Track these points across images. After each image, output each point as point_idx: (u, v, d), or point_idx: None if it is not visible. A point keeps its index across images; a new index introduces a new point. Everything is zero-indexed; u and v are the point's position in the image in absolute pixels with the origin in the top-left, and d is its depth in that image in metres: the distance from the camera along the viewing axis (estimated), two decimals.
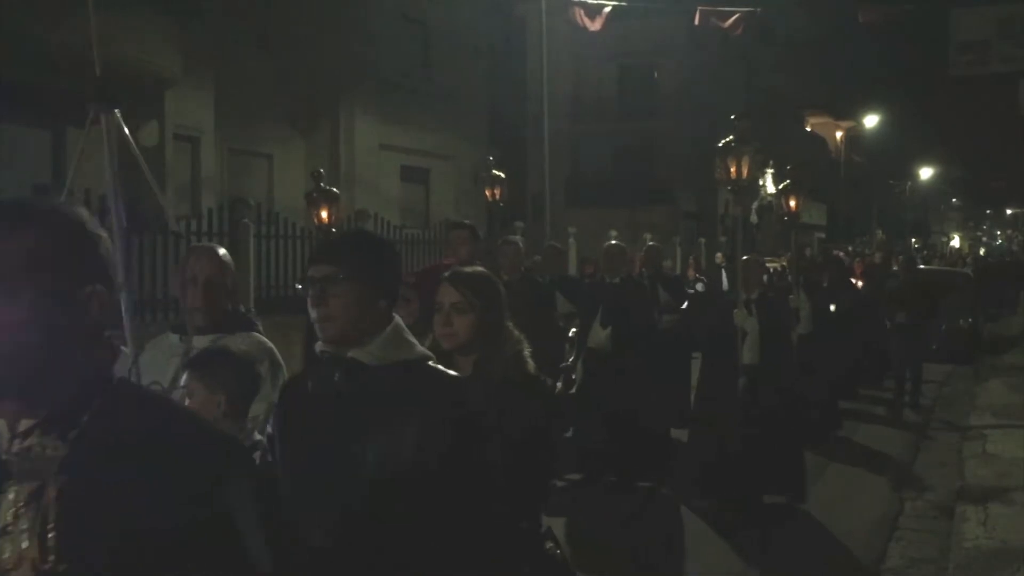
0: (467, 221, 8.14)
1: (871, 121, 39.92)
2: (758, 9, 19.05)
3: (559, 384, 7.06)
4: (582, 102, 30.22)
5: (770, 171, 27.73)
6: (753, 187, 9.43)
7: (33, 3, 11.11)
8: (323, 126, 17.94)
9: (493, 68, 23.26)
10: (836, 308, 10.40)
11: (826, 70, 40.75)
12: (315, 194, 9.08)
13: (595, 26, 18.79)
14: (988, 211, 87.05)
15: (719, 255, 19.91)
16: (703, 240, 24.41)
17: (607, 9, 18.59)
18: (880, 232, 48.65)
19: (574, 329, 8.14)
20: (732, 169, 6.99)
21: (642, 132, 29.64)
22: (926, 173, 58.79)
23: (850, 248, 25.73)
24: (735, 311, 6.70)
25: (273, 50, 16.83)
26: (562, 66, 24.07)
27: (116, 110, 3.88)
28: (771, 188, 28.29)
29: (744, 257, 7.18)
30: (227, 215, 11.75)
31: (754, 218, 28.37)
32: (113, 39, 11.81)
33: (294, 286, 11.45)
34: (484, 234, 19.81)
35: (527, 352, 2.71)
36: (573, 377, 7.48)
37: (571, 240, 19.12)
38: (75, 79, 12.52)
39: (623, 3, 19.06)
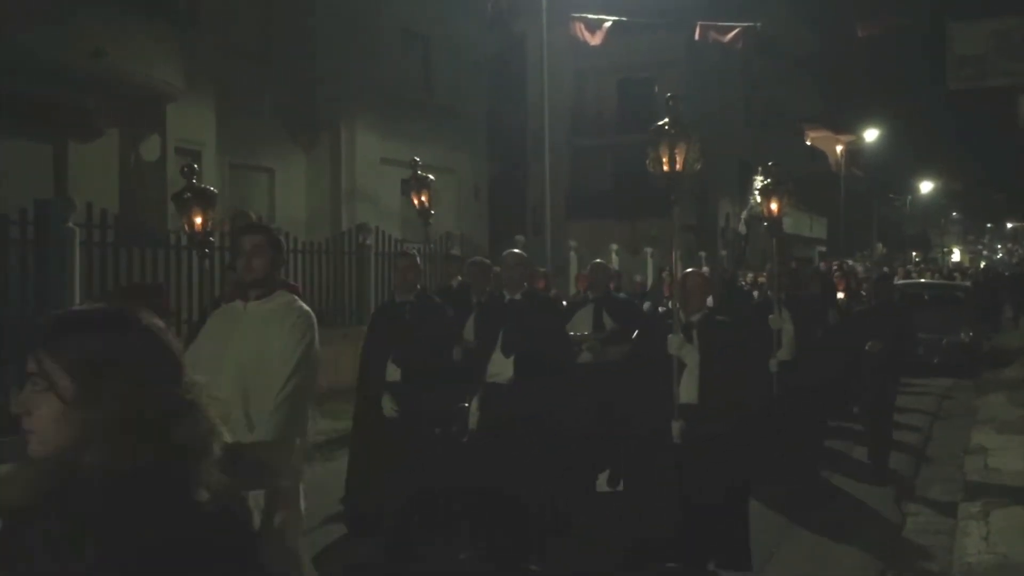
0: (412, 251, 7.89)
1: (871, 135, 39.98)
2: (758, 24, 19.16)
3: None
4: (582, 116, 30.31)
5: (759, 178, 27.55)
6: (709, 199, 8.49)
7: (35, 17, 11.15)
8: (324, 140, 17.98)
9: (494, 82, 23.33)
10: (822, 329, 8.92)
11: (826, 84, 40.89)
12: (187, 195, 6.76)
13: (595, 40, 18.90)
14: (988, 225, 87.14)
15: (706, 268, 19.52)
16: (703, 253, 24.43)
17: (607, 24, 18.69)
18: (881, 246, 48.72)
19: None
20: (665, 159, 5.63)
21: (642, 146, 29.58)
22: (926, 187, 58.91)
23: (850, 262, 25.63)
24: (669, 336, 5.42)
25: (274, 64, 16.90)
26: (562, 80, 24.15)
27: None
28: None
29: (689, 270, 6.08)
30: (228, 229, 11.75)
31: (743, 228, 28.10)
32: (116, 54, 11.93)
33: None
34: (487, 248, 19.75)
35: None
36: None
37: (572, 253, 19.15)
38: (77, 93, 12.64)
39: (623, 18, 19.15)
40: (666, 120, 5.72)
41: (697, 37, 18.90)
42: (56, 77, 11.80)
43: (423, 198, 8.61)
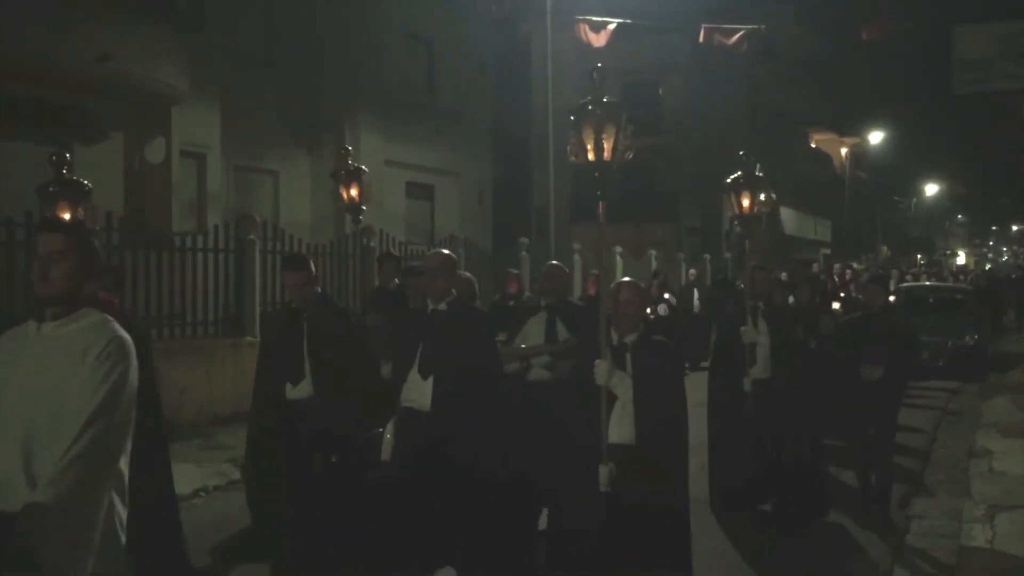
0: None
1: (876, 138, 39.96)
2: (762, 26, 19.14)
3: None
4: None
5: (759, 175, 27.43)
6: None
7: (41, 21, 11.19)
8: (328, 142, 18.01)
9: (498, 85, 23.35)
10: (814, 343, 8.05)
11: (830, 87, 40.85)
12: (52, 188, 6.17)
13: (600, 43, 18.89)
14: (993, 227, 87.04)
15: (692, 271, 19.07)
16: (707, 256, 24.42)
17: (612, 26, 18.69)
18: (885, 248, 48.69)
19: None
20: (589, 146, 4.69)
21: (646, 148, 29.61)
22: (931, 190, 58.88)
23: (855, 264, 25.57)
24: (596, 363, 4.45)
25: (279, 67, 16.93)
26: (566, 82, 24.11)
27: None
28: (761, 196, 28.03)
29: (623, 280, 4.91)
30: (233, 231, 11.79)
31: (738, 228, 28.03)
32: (120, 56, 11.97)
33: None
34: (490, 250, 19.74)
35: None
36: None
37: (576, 256, 19.15)
38: (82, 96, 12.69)
39: (628, 20, 19.15)
40: (590, 98, 4.72)
41: (701, 40, 18.89)
42: (62, 80, 11.84)
43: (353, 192, 7.69)
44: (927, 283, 22.97)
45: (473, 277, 8.32)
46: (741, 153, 7.18)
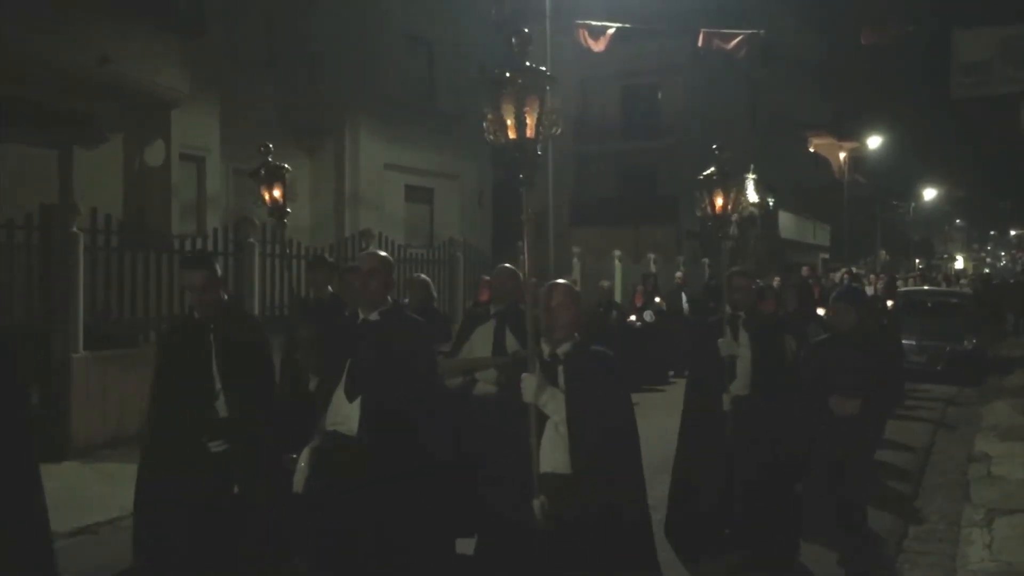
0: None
1: (874, 142, 40.01)
2: (761, 31, 19.16)
3: None
4: (586, 122, 30.33)
5: (752, 176, 27.07)
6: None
7: (41, 24, 11.20)
8: (328, 146, 18.02)
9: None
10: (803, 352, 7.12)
11: (829, 91, 40.90)
12: None
13: (599, 47, 18.91)
14: (992, 232, 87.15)
15: (679, 273, 18.60)
16: (706, 260, 24.41)
17: (611, 30, 18.71)
18: (884, 253, 48.70)
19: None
20: (510, 122, 3.98)
21: (646, 152, 29.72)
22: (930, 194, 58.93)
23: (854, 269, 25.52)
24: (524, 377, 3.79)
25: (279, 70, 16.94)
26: (566, 86, 24.13)
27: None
28: (753, 196, 27.63)
29: (556, 281, 4.20)
30: (232, 234, 11.79)
31: (734, 230, 27.89)
32: (120, 58, 11.98)
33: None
34: (489, 253, 19.66)
35: None
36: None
37: (575, 260, 19.14)
38: (82, 99, 12.68)
39: (627, 24, 19.18)
40: (508, 70, 4.21)
41: (700, 44, 18.91)
42: (62, 83, 11.85)
43: (275, 192, 6.99)
44: (926, 287, 22.97)
45: (429, 279, 7.95)
46: (714, 147, 6.44)
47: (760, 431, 5.80)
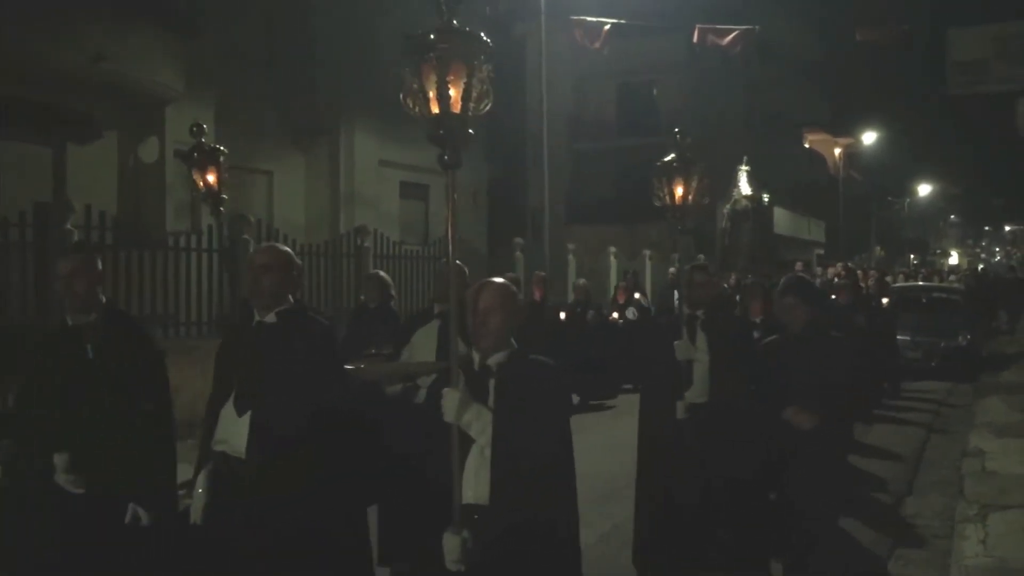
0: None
1: (869, 138, 40.04)
2: (756, 27, 19.17)
3: None
4: (582, 119, 30.32)
5: (745, 168, 26.88)
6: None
7: (35, 21, 11.17)
8: (323, 142, 18.00)
9: (493, 86, 23.33)
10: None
11: (825, 88, 40.94)
12: None
13: (595, 44, 18.90)
14: (987, 228, 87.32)
15: (673, 269, 18.34)
16: (701, 256, 24.44)
17: (607, 27, 18.70)
18: (879, 249, 48.78)
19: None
20: (432, 93, 3.51)
21: (642, 150, 29.61)
22: (924, 190, 59.02)
23: (850, 264, 25.49)
24: (445, 392, 3.22)
25: (274, 67, 16.91)
26: (562, 84, 24.14)
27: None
28: (746, 189, 27.36)
29: (490, 280, 3.57)
30: (227, 231, 11.77)
31: (726, 224, 27.66)
32: (115, 56, 11.95)
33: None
34: (485, 251, 19.62)
35: None
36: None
37: (570, 257, 19.16)
38: (76, 96, 12.66)
39: (623, 21, 19.17)
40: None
41: (695, 41, 18.92)
42: (56, 81, 11.82)
43: (209, 177, 6.24)
44: (920, 283, 23.02)
45: (387, 276, 7.36)
46: (676, 131, 5.89)
47: (723, 440, 5.22)
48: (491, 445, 3.19)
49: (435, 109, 3.37)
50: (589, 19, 18.91)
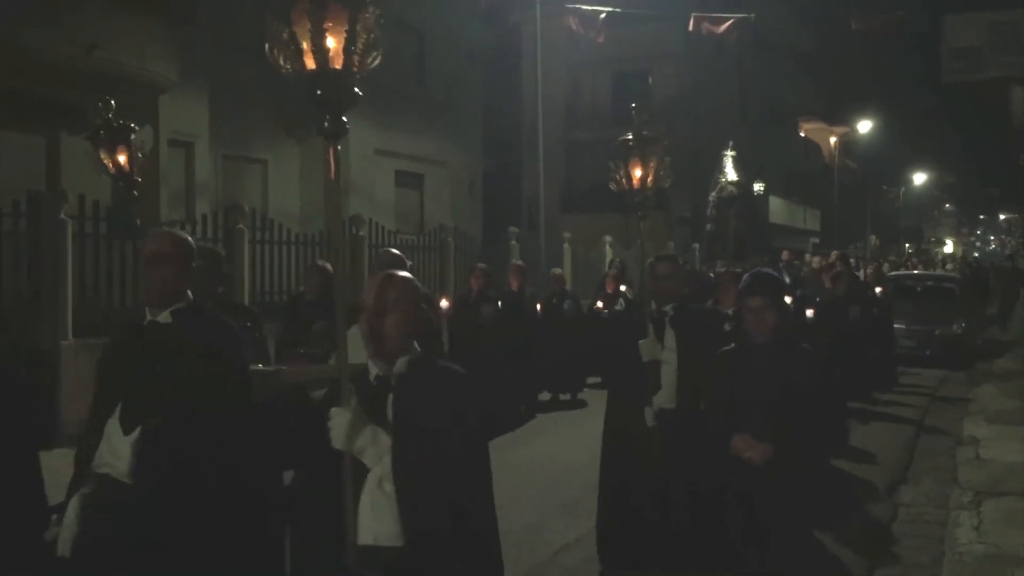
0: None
1: (865, 127, 40.06)
2: (752, 16, 19.15)
3: None
4: (577, 108, 30.29)
5: (731, 153, 26.38)
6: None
7: (28, 11, 11.11)
8: (317, 131, 17.96)
9: (488, 76, 23.31)
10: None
11: (820, 76, 40.94)
12: None
13: (590, 33, 18.86)
14: (982, 216, 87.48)
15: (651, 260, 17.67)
16: (696, 245, 24.45)
17: (602, 16, 18.67)
18: (874, 238, 48.86)
19: None
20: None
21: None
22: (920, 179, 59.07)
23: (844, 253, 25.39)
24: (333, 413, 2.69)
25: (268, 57, 16.84)
26: (557, 72, 24.12)
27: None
28: (732, 174, 26.83)
29: (387, 273, 2.91)
30: (222, 221, 11.74)
31: (712, 211, 27.46)
32: (109, 45, 11.89)
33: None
34: (480, 240, 19.55)
35: None
36: None
37: (565, 246, 19.15)
38: (70, 86, 12.60)
39: (618, 10, 19.13)
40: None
41: (691, 29, 18.90)
42: (50, 71, 11.77)
43: (120, 157, 5.66)
44: (915, 272, 23.05)
45: (329, 266, 6.61)
46: (633, 106, 5.21)
47: (694, 450, 4.52)
48: (392, 476, 2.63)
49: (310, 64, 2.81)
50: (584, 7, 18.87)
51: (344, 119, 2.88)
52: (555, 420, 10.80)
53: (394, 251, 5.46)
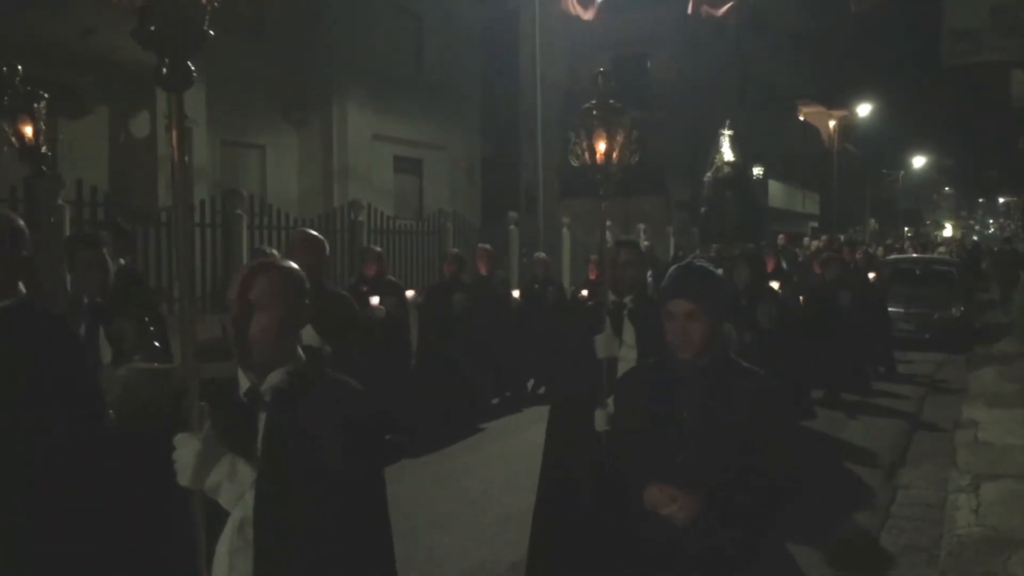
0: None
1: (864, 110, 39.97)
2: None
3: None
4: (575, 92, 30.17)
5: (728, 132, 26.25)
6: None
7: None
8: (316, 117, 17.90)
9: (486, 59, 23.21)
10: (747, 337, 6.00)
11: (819, 60, 40.77)
12: None
13: (588, 16, 18.79)
14: (981, 200, 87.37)
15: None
16: (695, 230, 24.42)
17: None
18: (874, 221, 48.82)
19: None
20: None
21: (635, 122, 29.60)
22: (919, 162, 59.01)
23: (842, 238, 25.36)
24: (178, 440, 2.18)
25: (266, 41, 16.77)
26: (555, 56, 23.98)
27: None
28: (729, 155, 26.58)
29: (265, 263, 2.40)
30: (220, 206, 11.73)
31: (707, 193, 27.34)
32: (105, 31, 11.82)
33: None
34: (479, 225, 19.54)
35: None
36: None
37: (564, 231, 19.13)
38: (66, 71, 12.52)
39: None
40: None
41: (690, 11, 18.84)
42: (44, 55, 11.71)
43: (26, 129, 5.06)
44: (913, 255, 23.04)
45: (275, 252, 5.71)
46: (600, 71, 4.69)
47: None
48: (253, 520, 2.14)
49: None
50: None
51: (190, 64, 2.25)
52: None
53: (310, 232, 4.60)
